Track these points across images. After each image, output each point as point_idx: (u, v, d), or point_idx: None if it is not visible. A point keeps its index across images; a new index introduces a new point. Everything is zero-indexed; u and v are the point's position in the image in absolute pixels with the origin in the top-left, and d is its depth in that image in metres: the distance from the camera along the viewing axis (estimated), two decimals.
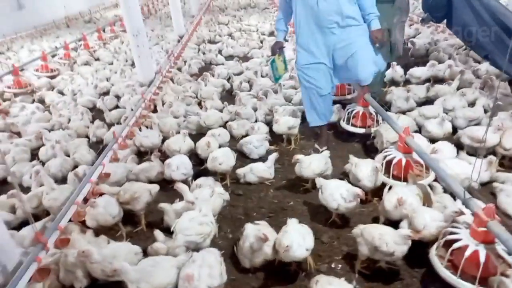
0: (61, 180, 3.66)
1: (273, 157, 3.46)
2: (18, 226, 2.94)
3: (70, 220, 2.75)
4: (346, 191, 2.69)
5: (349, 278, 2.38)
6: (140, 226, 3.00)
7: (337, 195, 2.69)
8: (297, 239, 2.26)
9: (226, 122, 4.47)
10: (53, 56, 8.72)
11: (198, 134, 4.34)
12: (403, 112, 4.31)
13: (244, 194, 3.38)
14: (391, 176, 3.09)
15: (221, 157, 3.40)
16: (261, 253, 2.40)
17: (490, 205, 2.03)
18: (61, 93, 6.39)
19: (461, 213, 2.33)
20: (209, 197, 2.84)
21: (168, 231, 2.62)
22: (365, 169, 2.99)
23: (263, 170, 3.43)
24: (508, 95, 4.39)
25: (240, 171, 3.48)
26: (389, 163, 3.15)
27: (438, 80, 5.36)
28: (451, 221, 2.34)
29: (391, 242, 2.20)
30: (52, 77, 7.26)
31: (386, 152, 3.25)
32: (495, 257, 2.04)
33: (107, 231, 2.90)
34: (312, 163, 3.18)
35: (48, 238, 2.36)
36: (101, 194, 2.96)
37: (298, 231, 2.32)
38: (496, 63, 4.20)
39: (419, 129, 3.94)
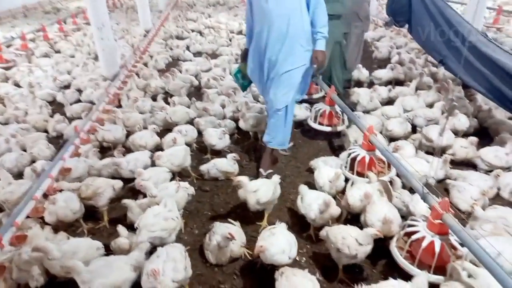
0: (17, 175, 3.45)
1: (231, 155, 3.47)
2: None
3: (27, 217, 2.62)
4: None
5: (312, 271, 2.47)
6: (103, 222, 2.91)
7: (315, 205, 2.61)
8: (284, 245, 2.26)
9: (193, 119, 4.42)
10: (8, 46, 8.23)
11: (164, 130, 4.27)
12: (368, 112, 4.47)
13: (211, 190, 3.37)
14: (355, 172, 3.20)
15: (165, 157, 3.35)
16: (227, 251, 2.42)
17: (446, 199, 2.16)
18: (17, 85, 6.05)
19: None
20: (174, 192, 2.80)
21: (131, 228, 2.57)
22: (326, 176, 2.99)
23: (226, 165, 3.43)
24: (462, 98, 4.67)
25: (204, 167, 3.47)
26: (353, 160, 3.26)
27: (399, 82, 5.61)
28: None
29: (353, 244, 2.24)
30: (7, 68, 6.85)
31: (351, 149, 3.36)
32: (448, 247, 2.17)
33: (67, 228, 2.79)
34: (260, 191, 2.76)
35: (3, 234, 2.24)
36: (61, 190, 2.84)
37: (286, 237, 2.33)
38: (450, 68, 4.46)
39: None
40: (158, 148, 3.80)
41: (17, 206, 2.57)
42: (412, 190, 2.80)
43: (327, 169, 3.09)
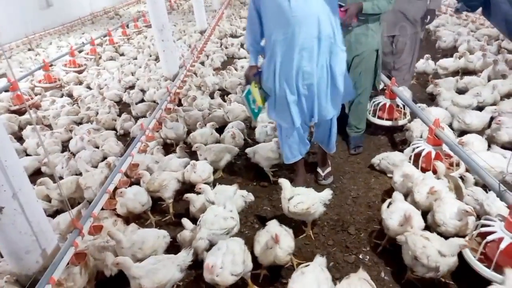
0: None
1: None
2: (53, 215, 3.07)
3: (102, 209, 2.85)
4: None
5: (377, 269, 2.40)
6: (168, 215, 3.07)
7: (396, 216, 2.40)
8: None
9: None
10: (80, 51, 8.96)
11: (222, 126, 4.37)
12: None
13: (269, 186, 3.39)
14: (419, 169, 3.03)
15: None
16: (271, 253, 2.25)
17: None
18: (88, 87, 6.58)
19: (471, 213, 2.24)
20: (232, 194, 2.83)
21: (194, 221, 2.67)
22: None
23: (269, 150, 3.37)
24: None
25: (249, 150, 3.49)
26: (417, 155, 3.09)
27: (468, 72, 5.21)
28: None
29: (434, 254, 2.04)
30: (80, 72, 7.48)
31: (415, 144, 3.19)
32: None
33: (137, 220, 2.99)
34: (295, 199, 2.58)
35: (83, 224, 2.46)
36: (131, 184, 3.04)
37: (316, 277, 2.02)
38: None
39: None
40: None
41: (94, 199, 2.80)
42: (486, 188, 2.59)
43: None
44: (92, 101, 5.67)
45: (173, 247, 2.57)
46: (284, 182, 2.64)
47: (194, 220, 2.66)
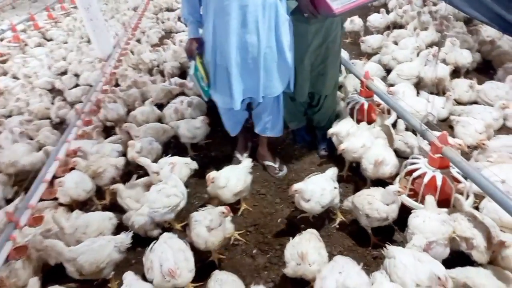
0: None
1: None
2: None
3: (41, 200, 2.72)
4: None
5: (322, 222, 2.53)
6: (105, 201, 2.98)
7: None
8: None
9: None
10: (1, 40, 8.18)
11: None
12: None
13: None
14: (355, 120, 3.18)
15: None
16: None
17: (444, 133, 2.16)
18: (15, 77, 6.07)
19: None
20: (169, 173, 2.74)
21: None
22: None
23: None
24: (464, 33, 4.52)
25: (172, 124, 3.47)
26: (352, 109, 3.22)
27: (398, 26, 5.43)
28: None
29: (381, 207, 2.15)
30: (3, 62, 6.85)
31: (348, 99, 3.32)
32: (450, 180, 2.19)
33: (82, 207, 2.89)
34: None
35: (20, 217, 2.34)
36: (71, 169, 2.92)
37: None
38: (452, 2, 4.25)
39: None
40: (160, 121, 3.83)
41: (30, 189, 2.66)
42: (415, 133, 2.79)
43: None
44: (21, 91, 5.26)
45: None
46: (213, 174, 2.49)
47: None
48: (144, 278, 2.03)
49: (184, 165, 2.91)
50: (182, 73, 4.99)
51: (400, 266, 1.76)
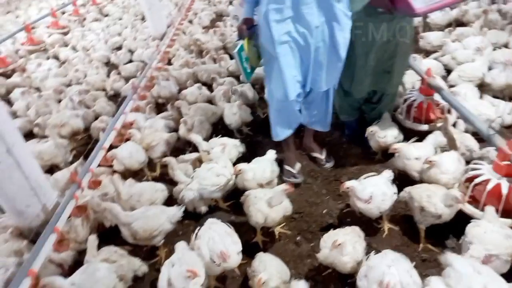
0: (84, 130, 3.77)
1: None
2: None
3: (99, 165, 2.87)
4: None
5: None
6: (155, 173, 3.09)
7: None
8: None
9: None
10: (62, 13, 8.59)
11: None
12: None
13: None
14: (412, 119, 3.07)
15: None
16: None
17: None
18: (74, 49, 6.38)
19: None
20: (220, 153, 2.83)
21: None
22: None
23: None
24: None
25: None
26: (409, 107, 3.12)
27: (461, 24, 5.14)
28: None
29: (439, 203, 2.08)
30: (64, 34, 7.22)
31: (407, 96, 3.21)
32: None
33: (134, 176, 3.01)
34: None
35: (82, 178, 2.48)
36: (127, 139, 3.06)
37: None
38: None
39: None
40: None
41: (90, 155, 2.81)
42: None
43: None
44: (79, 63, 5.52)
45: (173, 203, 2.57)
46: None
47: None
48: None
49: (234, 146, 2.96)
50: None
51: (456, 275, 1.67)
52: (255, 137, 3.49)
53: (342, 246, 1.89)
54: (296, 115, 2.66)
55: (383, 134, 2.79)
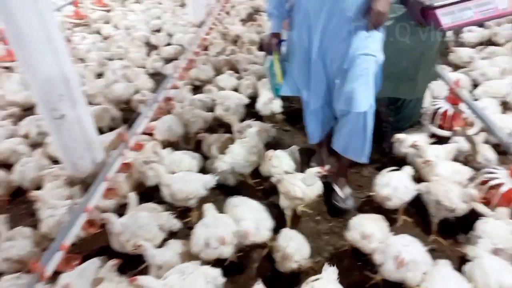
0: (125, 103, 4.05)
1: None
2: None
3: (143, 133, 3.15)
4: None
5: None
6: (190, 146, 3.32)
7: None
8: None
9: None
10: None
11: None
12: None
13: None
14: (436, 126, 3.24)
15: None
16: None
17: None
18: (116, 27, 6.70)
19: None
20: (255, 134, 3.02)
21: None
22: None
23: None
24: None
25: None
26: (434, 114, 3.27)
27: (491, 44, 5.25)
28: None
29: (455, 198, 2.23)
30: (107, 11, 7.56)
31: (434, 103, 3.37)
32: None
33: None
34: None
35: (130, 139, 2.76)
36: (168, 113, 3.32)
37: None
38: None
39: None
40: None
41: (134, 124, 3.09)
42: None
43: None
44: (121, 40, 5.83)
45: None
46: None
47: None
48: None
49: (265, 131, 3.19)
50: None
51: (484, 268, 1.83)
52: (285, 126, 3.71)
53: (371, 236, 2.08)
54: (329, 119, 2.60)
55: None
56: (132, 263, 2.17)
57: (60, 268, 1.96)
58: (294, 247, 2.08)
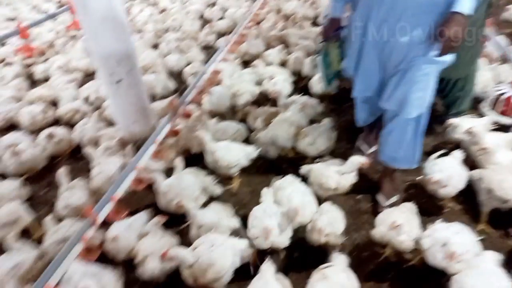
0: (177, 74, 4.19)
1: None
2: None
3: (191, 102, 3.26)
4: None
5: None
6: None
7: None
8: None
9: None
10: None
11: None
12: None
13: None
14: (498, 112, 3.02)
15: None
16: None
17: None
18: (172, 1, 6.86)
19: None
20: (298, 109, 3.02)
21: None
22: None
23: None
24: None
25: None
26: (496, 99, 3.05)
27: None
28: None
29: (510, 189, 2.08)
30: None
31: (496, 88, 3.13)
32: None
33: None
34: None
35: (179, 107, 2.88)
36: (216, 84, 3.41)
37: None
38: None
39: None
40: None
41: (184, 94, 3.20)
42: None
43: None
44: (176, 13, 5.99)
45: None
46: None
47: None
48: None
49: (311, 107, 3.16)
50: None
51: None
52: (332, 104, 3.64)
53: (400, 226, 1.93)
54: (379, 109, 2.33)
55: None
56: (176, 221, 2.31)
57: (110, 218, 2.14)
58: (326, 221, 2.03)
